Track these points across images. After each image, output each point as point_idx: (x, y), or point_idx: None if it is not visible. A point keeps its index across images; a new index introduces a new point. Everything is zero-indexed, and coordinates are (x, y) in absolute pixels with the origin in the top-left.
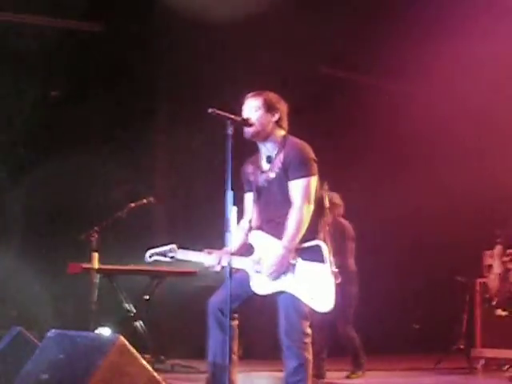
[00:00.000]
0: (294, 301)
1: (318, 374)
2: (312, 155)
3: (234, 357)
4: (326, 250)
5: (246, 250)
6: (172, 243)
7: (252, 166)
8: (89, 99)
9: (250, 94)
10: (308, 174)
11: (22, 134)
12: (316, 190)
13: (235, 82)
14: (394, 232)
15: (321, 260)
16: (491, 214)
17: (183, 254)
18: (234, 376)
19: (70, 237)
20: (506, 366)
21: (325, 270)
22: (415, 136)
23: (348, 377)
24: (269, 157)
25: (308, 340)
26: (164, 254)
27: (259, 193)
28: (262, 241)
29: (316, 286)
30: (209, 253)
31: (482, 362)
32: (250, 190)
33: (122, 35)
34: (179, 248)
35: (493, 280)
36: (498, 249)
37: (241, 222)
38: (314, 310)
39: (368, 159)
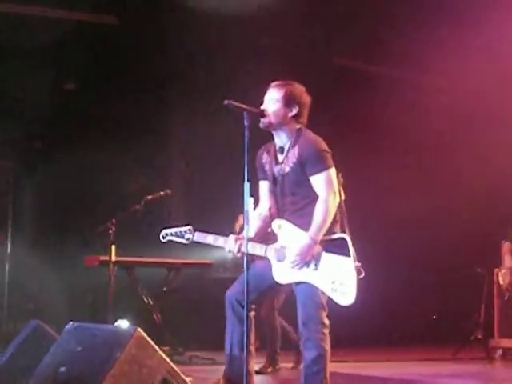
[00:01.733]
0: (312, 291)
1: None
2: (326, 147)
3: (252, 348)
4: (350, 243)
5: (263, 236)
6: (188, 225)
7: (267, 155)
8: (104, 92)
9: (273, 83)
10: (327, 167)
11: (38, 128)
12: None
13: (250, 73)
14: (412, 223)
15: (346, 254)
16: (510, 203)
17: (201, 237)
18: (251, 367)
19: (87, 229)
20: None
21: (349, 264)
22: (430, 127)
23: (260, 371)
24: (281, 147)
25: (326, 331)
26: (180, 236)
27: (275, 183)
28: (287, 229)
29: (338, 279)
30: (234, 239)
31: (500, 352)
32: (265, 178)
33: (136, 28)
34: (195, 230)
35: (504, 275)
36: (507, 245)
37: (257, 208)
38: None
39: (381, 150)
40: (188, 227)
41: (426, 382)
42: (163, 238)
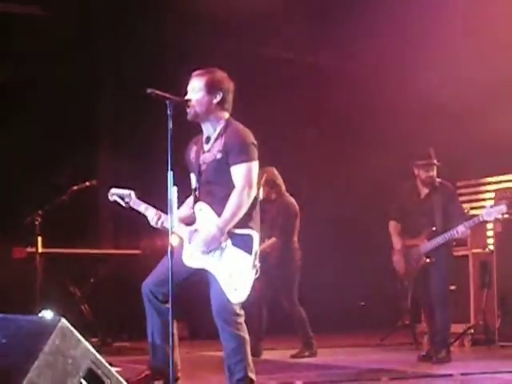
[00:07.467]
0: None
1: (255, 353)
2: (253, 140)
3: (175, 338)
4: (256, 241)
5: (188, 223)
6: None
7: (195, 147)
8: (30, 83)
9: (195, 73)
10: (249, 159)
11: None
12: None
13: (179, 63)
14: (339, 209)
15: (248, 251)
16: None
17: (136, 204)
18: (175, 357)
19: (14, 221)
20: (451, 340)
21: (248, 263)
22: (363, 114)
23: (294, 356)
24: (208, 137)
25: (241, 320)
26: (122, 198)
27: (200, 172)
28: (204, 214)
29: (235, 275)
30: (155, 212)
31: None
32: (193, 170)
33: (62, 19)
34: (138, 198)
35: (398, 261)
36: (392, 224)
37: (189, 198)
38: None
39: (316, 139)
40: (130, 192)
41: (354, 367)
42: (110, 196)
